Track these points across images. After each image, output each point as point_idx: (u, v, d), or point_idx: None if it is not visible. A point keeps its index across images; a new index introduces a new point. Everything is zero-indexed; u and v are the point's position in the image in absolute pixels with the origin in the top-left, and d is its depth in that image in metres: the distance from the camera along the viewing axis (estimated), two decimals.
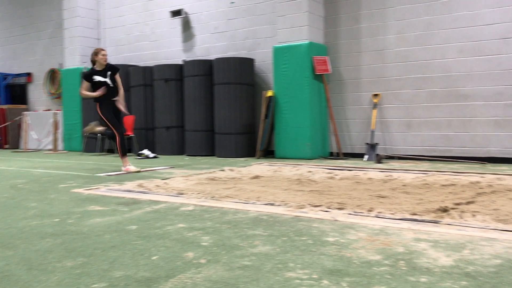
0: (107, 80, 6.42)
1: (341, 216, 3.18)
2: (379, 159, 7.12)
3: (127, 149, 6.80)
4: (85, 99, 10.62)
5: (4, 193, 4.54)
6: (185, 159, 8.39)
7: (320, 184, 4.74)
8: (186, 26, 10.10)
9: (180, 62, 9.72)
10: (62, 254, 2.38)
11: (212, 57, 9.49)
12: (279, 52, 8.15)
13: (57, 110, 11.65)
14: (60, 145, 11.23)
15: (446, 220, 3.02)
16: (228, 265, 2.16)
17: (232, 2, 9.42)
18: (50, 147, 11.35)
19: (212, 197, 4.03)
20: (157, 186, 4.80)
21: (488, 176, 5.21)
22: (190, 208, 3.60)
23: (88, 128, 8.80)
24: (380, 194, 4.04)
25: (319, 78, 8.13)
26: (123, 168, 6.33)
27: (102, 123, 7.21)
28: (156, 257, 2.31)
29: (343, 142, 8.23)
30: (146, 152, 8.87)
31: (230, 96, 8.58)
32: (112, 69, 6.52)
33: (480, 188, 4.28)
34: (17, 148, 12.42)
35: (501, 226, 2.84)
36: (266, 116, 8.29)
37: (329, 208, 3.46)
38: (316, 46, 8.07)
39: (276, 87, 8.22)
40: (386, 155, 7.61)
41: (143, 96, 9.75)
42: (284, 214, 3.30)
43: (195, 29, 9.98)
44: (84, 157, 9.13)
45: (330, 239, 2.60)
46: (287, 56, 8.05)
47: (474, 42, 7.07)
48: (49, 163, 7.89)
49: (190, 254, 2.34)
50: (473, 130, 7.11)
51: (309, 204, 3.59)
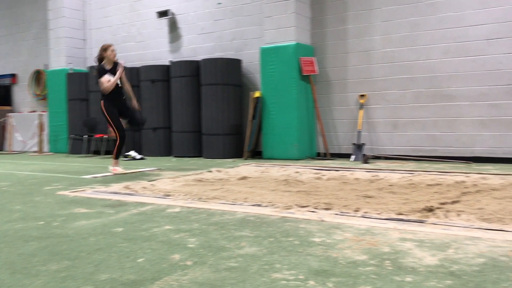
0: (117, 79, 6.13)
1: (328, 217, 3.19)
2: (366, 159, 7.16)
3: (121, 153, 6.69)
4: (70, 100, 10.54)
5: None
6: (172, 160, 8.35)
7: (307, 185, 4.76)
8: (173, 26, 10.06)
9: (167, 63, 9.68)
10: (47, 258, 2.36)
11: (199, 57, 9.46)
12: (266, 53, 8.16)
13: (43, 112, 11.53)
14: (46, 147, 11.11)
15: (432, 219, 3.05)
16: (215, 266, 2.16)
17: (219, 3, 9.41)
18: (36, 149, 11.22)
19: (199, 199, 4.02)
20: (144, 187, 4.77)
21: (473, 175, 5.27)
22: (177, 209, 3.58)
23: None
24: (367, 194, 4.06)
25: (306, 79, 8.15)
26: (110, 168, 6.28)
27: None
28: (142, 259, 2.30)
29: (330, 142, 8.27)
30: (132, 153, 8.82)
31: (218, 97, 8.57)
32: (119, 66, 6.18)
33: (465, 188, 4.32)
34: (2, 150, 12.25)
35: (485, 225, 2.87)
36: (254, 117, 8.29)
37: (316, 208, 3.47)
38: (303, 47, 8.09)
39: (263, 88, 8.23)
40: (373, 155, 7.66)
41: None
42: (271, 215, 3.30)
43: (182, 29, 9.95)
44: (70, 159, 9.04)
45: (317, 239, 2.61)
46: (274, 57, 8.06)
47: (459, 43, 7.15)
48: (34, 165, 7.80)
49: (177, 256, 2.33)
50: (458, 130, 7.19)
51: (296, 205, 3.59)
